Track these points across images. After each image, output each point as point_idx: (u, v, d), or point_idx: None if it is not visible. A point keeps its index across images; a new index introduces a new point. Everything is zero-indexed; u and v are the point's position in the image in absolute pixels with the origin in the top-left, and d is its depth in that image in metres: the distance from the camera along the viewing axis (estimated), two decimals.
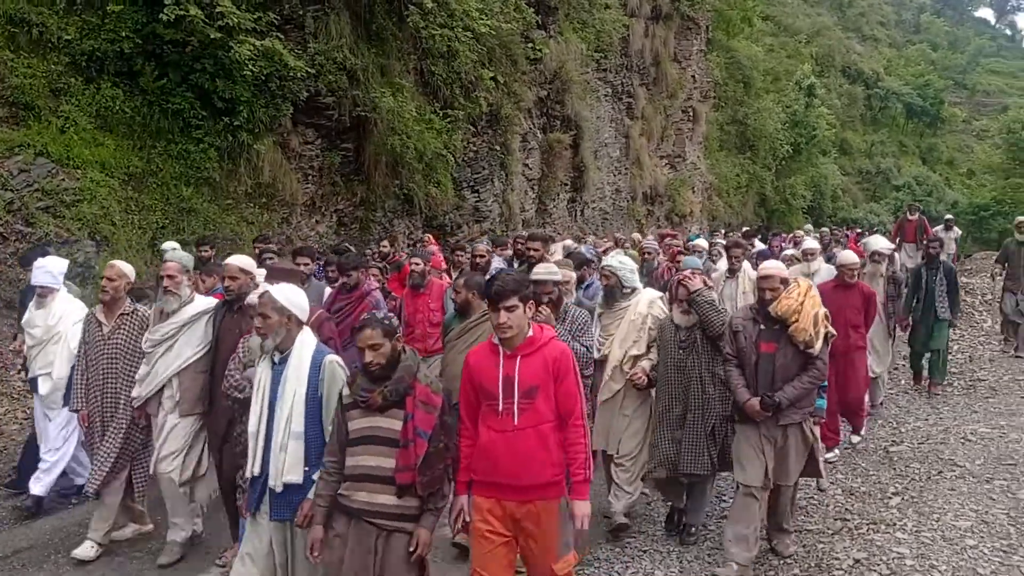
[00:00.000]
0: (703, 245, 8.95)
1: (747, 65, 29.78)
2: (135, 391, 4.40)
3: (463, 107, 12.57)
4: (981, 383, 8.15)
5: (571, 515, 3.10)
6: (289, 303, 3.28)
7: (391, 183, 11.74)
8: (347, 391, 3.05)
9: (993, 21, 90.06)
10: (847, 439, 6.15)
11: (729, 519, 4.27)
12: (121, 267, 4.59)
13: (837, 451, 6.10)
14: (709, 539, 4.75)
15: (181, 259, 4.47)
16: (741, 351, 4.21)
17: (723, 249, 8.10)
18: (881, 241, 7.68)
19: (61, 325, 5.08)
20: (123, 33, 8.66)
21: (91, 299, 5.90)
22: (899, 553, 4.17)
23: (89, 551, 4.42)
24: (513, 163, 14.49)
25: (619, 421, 4.71)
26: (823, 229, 18.16)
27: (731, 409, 4.35)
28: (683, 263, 6.34)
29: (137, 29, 8.74)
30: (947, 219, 15.58)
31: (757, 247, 10.74)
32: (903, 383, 8.45)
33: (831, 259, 7.78)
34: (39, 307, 5.12)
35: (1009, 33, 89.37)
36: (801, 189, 31.94)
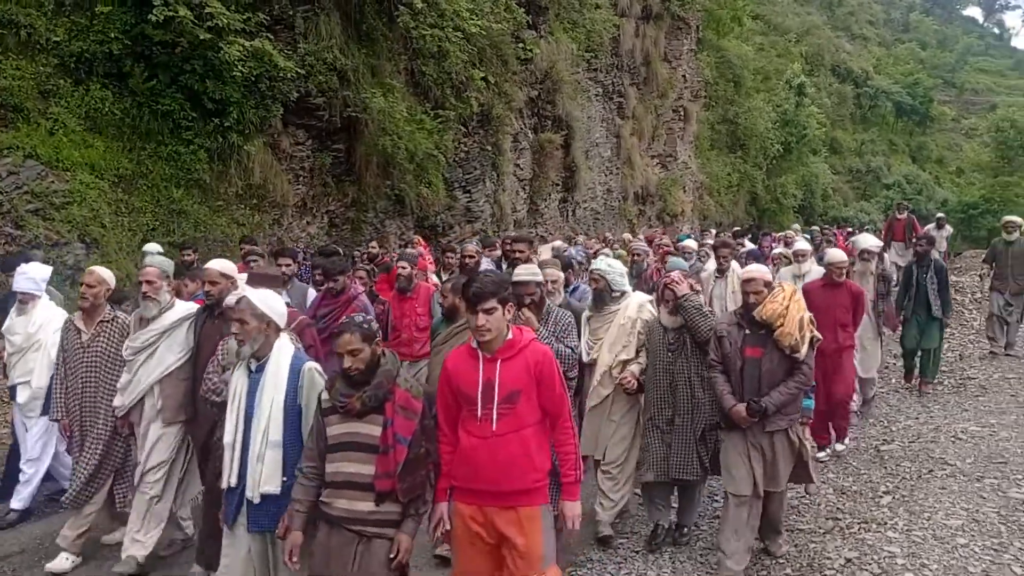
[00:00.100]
0: (692, 246, 8.90)
1: (737, 64, 29.88)
2: (117, 400, 4.30)
3: (454, 107, 12.54)
4: (971, 381, 8.15)
5: (562, 515, 3.08)
6: (268, 308, 3.23)
7: (382, 184, 11.70)
8: (326, 396, 3.00)
9: (981, 20, 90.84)
10: (832, 447, 6.12)
11: (721, 529, 4.23)
12: (101, 273, 4.50)
13: (829, 450, 6.08)
14: (701, 539, 4.73)
15: (160, 264, 4.37)
16: (726, 357, 4.16)
17: (711, 249, 8.06)
18: (869, 239, 7.65)
19: (41, 333, 4.98)
20: (112, 34, 8.61)
21: None
22: (890, 552, 4.16)
23: (64, 563, 4.33)
24: (504, 163, 14.47)
25: (607, 427, 4.66)
26: (813, 228, 18.14)
27: (718, 416, 4.30)
28: (668, 264, 6.30)
29: (126, 30, 8.69)
30: (939, 217, 15.64)
31: (747, 247, 10.71)
32: (894, 382, 8.45)
33: (822, 259, 7.75)
34: (20, 314, 5.03)
35: (997, 32, 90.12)
36: (792, 188, 32.09)
